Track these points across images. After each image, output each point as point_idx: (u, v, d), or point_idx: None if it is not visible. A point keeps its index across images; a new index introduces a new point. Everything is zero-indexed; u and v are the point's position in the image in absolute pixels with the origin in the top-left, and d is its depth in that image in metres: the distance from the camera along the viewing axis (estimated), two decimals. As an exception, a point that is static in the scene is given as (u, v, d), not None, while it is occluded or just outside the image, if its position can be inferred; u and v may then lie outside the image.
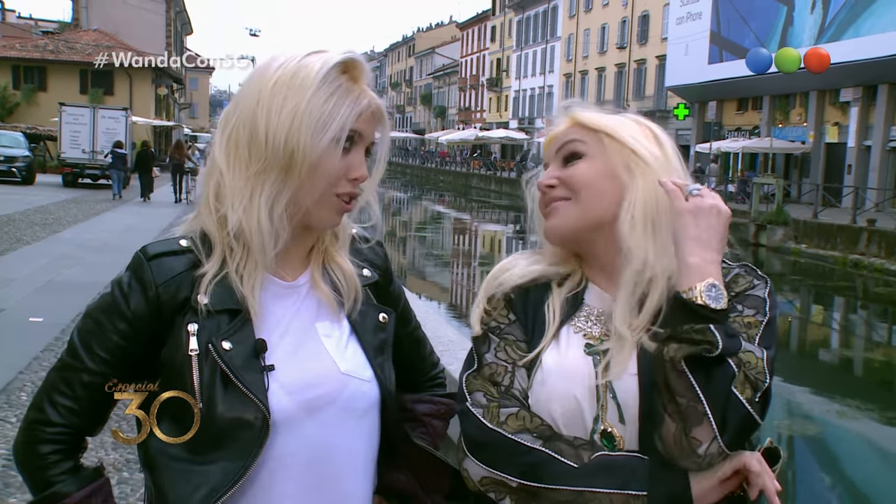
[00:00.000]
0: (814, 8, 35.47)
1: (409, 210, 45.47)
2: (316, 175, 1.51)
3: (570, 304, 1.60)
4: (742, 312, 1.50)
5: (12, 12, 72.35)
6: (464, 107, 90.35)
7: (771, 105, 39.99)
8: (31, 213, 20.35)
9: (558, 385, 1.52)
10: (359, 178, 1.55)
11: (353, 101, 1.52)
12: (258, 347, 1.51)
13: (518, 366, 1.55)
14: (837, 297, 21.24)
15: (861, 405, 11.38)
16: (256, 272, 1.53)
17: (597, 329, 1.57)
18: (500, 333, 1.60)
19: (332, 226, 1.59)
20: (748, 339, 1.44)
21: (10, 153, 30.03)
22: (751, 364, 1.39)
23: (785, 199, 29.39)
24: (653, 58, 51.67)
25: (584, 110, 1.62)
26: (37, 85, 45.62)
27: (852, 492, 8.82)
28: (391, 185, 65.71)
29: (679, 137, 47.92)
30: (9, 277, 11.40)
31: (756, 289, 1.54)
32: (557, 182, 1.58)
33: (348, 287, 1.64)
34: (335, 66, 1.52)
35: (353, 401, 1.58)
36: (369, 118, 1.56)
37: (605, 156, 1.56)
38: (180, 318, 1.51)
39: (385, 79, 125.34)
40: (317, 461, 1.55)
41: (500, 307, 1.63)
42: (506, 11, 78.93)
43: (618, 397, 1.48)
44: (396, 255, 26.44)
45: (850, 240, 23.65)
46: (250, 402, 1.47)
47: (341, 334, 1.62)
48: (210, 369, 1.47)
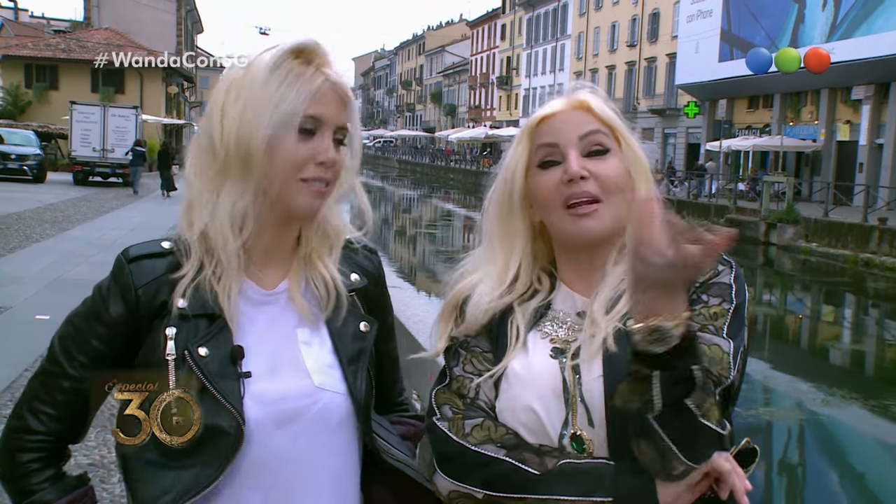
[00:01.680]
0: (825, 5, 35.29)
1: (419, 208, 45.48)
2: (278, 163, 1.48)
3: (535, 314, 1.56)
4: (707, 303, 1.45)
5: (25, 11, 72.64)
6: (474, 105, 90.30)
7: (782, 103, 39.80)
8: (41, 210, 20.42)
9: (524, 392, 1.49)
10: (326, 162, 1.51)
11: (305, 82, 1.49)
12: (235, 354, 1.49)
13: (484, 377, 1.53)
14: (848, 295, 21.14)
15: (875, 404, 11.30)
16: (230, 277, 1.52)
17: (562, 332, 1.53)
18: (466, 347, 1.58)
19: (311, 212, 1.55)
20: (715, 331, 1.41)
21: (21, 151, 30.19)
22: (715, 359, 1.37)
23: (796, 197, 29.24)
24: (663, 56, 51.49)
25: (597, 99, 1.55)
26: (48, 84, 45.76)
27: (862, 488, 8.78)
28: (401, 183, 65.74)
29: (689, 135, 47.82)
30: (17, 275, 11.44)
31: (721, 275, 1.48)
32: (589, 175, 1.49)
33: (328, 294, 1.61)
34: (286, 53, 1.50)
35: (325, 413, 1.55)
36: (329, 100, 1.51)
37: (621, 154, 1.53)
38: (158, 321, 1.50)
39: (395, 77, 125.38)
40: (286, 474, 1.53)
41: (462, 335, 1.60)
42: (516, 9, 78.83)
43: (585, 400, 1.44)
44: (406, 254, 26.44)
45: (860, 238, 23.51)
46: (225, 410, 1.46)
47: (321, 343, 1.60)
48: (186, 374, 1.47)
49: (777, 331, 16.74)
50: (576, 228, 1.50)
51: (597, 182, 1.48)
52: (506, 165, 1.59)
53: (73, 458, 1.66)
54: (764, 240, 26.83)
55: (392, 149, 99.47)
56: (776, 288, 22.36)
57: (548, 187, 1.51)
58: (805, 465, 9.51)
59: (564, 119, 1.53)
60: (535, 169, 1.54)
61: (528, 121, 1.58)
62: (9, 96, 44.92)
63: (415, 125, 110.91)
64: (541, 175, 1.53)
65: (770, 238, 26.74)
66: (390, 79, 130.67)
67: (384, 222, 36.46)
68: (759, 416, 10.52)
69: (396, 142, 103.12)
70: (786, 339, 16.38)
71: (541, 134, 1.54)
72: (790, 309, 20.06)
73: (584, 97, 1.54)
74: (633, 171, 1.52)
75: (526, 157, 1.56)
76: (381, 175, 75.40)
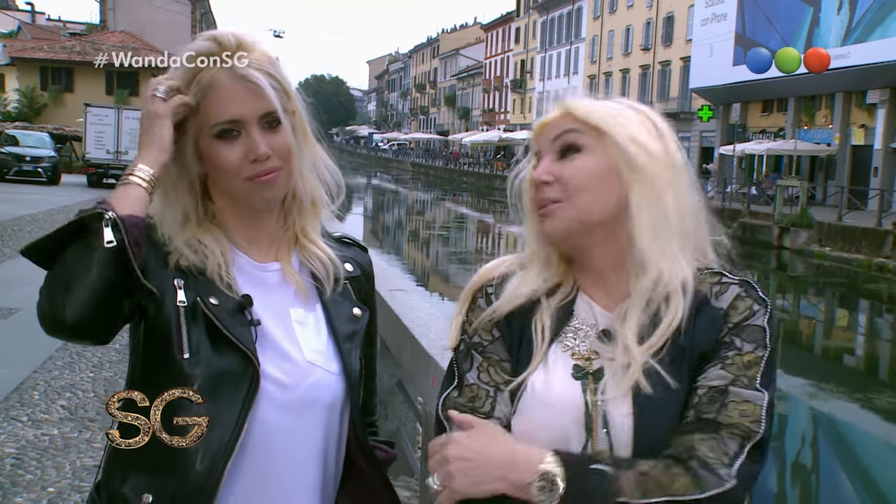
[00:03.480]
0: (840, 9, 35.10)
1: (431, 210, 45.49)
2: (218, 171, 1.54)
3: (559, 317, 1.49)
4: (741, 350, 1.38)
5: (42, 14, 73.12)
6: (487, 108, 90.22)
7: (796, 107, 39.61)
8: (54, 212, 20.53)
9: (544, 413, 1.42)
10: (259, 157, 1.52)
11: (213, 92, 1.52)
12: (243, 302, 1.52)
13: (501, 390, 1.46)
14: (862, 301, 21.01)
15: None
16: (210, 238, 1.57)
17: (584, 347, 1.46)
18: (482, 351, 1.50)
19: (268, 203, 1.59)
20: (748, 381, 1.35)
21: (36, 154, 30.41)
22: (747, 413, 1.32)
23: (809, 201, 29.10)
24: (677, 59, 51.34)
25: (580, 100, 1.50)
26: (64, 86, 46.04)
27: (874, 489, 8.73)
28: (414, 185, 65.80)
29: (703, 139, 47.62)
30: (28, 277, 11.45)
31: (756, 316, 1.41)
32: (552, 179, 1.44)
33: (326, 270, 1.63)
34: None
35: (315, 391, 1.56)
36: (241, 96, 1.52)
37: (604, 150, 1.44)
38: (165, 273, 1.51)
39: (409, 80, 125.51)
40: (273, 450, 1.54)
41: (485, 321, 1.52)
42: (530, 13, 78.77)
43: (611, 434, 1.37)
44: (420, 257, 26.45)
45: (874, 243, 23.35)
46: (241, 354, 1.47)
47: (316, 321, 1.61)
48: (198, 323, 1.48)
49: (789, 335, 16.65)
50: (541, 230, 1.48)
51: (560, 184, 1.44)
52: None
53: (77, 460, 1.65)
54: (777, 244, 26.72)
55: (406, 152, 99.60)
56: (789, 292, 22.26)
57: (528, 193, 1.51)
58: (818, 468, 9.47)
59: (550, 126, 1.50)
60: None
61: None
62: (24, 98, 45.22)
63: (429, 128, 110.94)
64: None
65: (783, 242, 26.63)
66: (404, 82, 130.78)
67: (398, 225, 36.48)
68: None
69: (410, 145, 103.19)
70: (799, 344, 16.29)
71: (534, 143, 1.54)
72: (804, 313, 19.95)
73: (568, 102, 1.50)
74: (631, 162, 1.43)
75: (532, 166, 1.53)
76: (394, 178, 75.53)
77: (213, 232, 1.57)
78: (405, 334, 3.50)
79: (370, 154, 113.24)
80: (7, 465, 5.02)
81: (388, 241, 31.79)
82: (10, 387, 6.59)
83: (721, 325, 1.40)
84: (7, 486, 4.73)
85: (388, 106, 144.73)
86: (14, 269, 12.24)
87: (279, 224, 1.64)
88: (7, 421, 5.83)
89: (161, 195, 1.54)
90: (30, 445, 5.33)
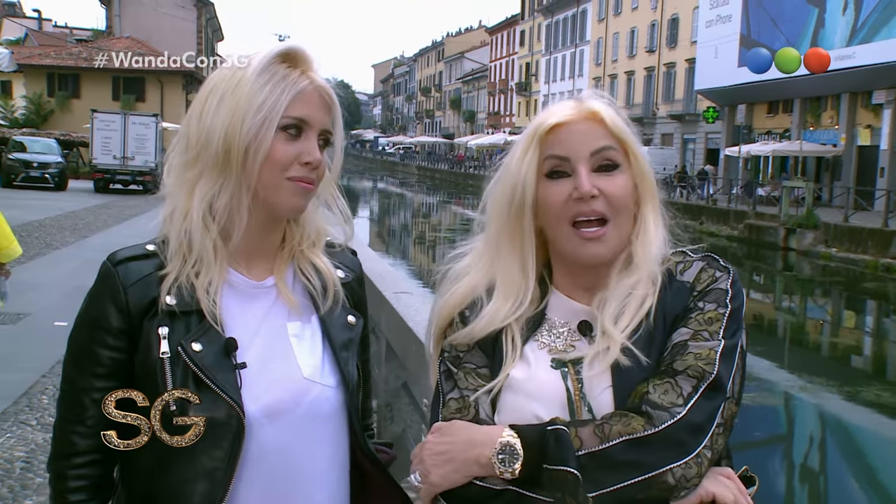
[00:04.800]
0: (846, 9, 35.02)
1: (437, 214, 45.47)
2: (262, 163, 1.52)
3: (528, 326, 1.54)
4: (703, 309, 1.44)
5: (49, 21, 73.37)
6: (493, 111, 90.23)
7: (802, 108, 39.52)
8: (61, 218, 20.62)
9: (529, 401, 1.47)
10: (311, 163, 1.54)
11: (290, 84, 1.53)
12: (228, 346, 1.51)
13: (480, 393, 1.50)
14: (870, 301, 20.96)
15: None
16: (210, 271, 1.54)
17: (560, 342, 1.52)
18: (459, 364, 1.55)
19: (296, 210, 1.59)
20: (709, 335, 1.40)
21: (43, 159, 30.52)
22: (701, 356, 1.38)
23: (816, 202, 29.02)
24: (682, 61, 51.26)
25: (609, 110, 1.50)
26: (70, 92, 46.19)
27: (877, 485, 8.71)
28: (419, 188, 65.78)
29: (709, 141, 47.56)
30: (36, 282, 11.56)
31: (719, 281, 1.47)
32: (599, 194, 1.45)
33: (325, 285, 1.65)
34: (273, 57, 1.54)
35: (316, 405, 1.58)
36: (314, 103, 1.56)
37: (629, 168, 1.50)
38: (150, 321, 1.51)
39: (414, 83, 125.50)
40: (280, 466, 1.55)
41: (459, 341, 1.57)
42: (535, 16, 78.76)
43: (593, 411, 1.42)
44: (425, 259, 26.44)
45: (881, 244, 23.28)
46: (224, 403, 1.47)
47: (312, 335, 1.62)
48: (182, 372, 1.48)
49: (794, 335, 16.63)
50: (582, 251, 1.48)
51: (606, 200, 1.45)
52: (513, 171, 1.52)
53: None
54: (783, 245, 26.66)
55: (412, 155, 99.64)
56: (795, 294, 22.21)
57: (556, 201, 1.47)
58: (826, 469, 9.45)
59: (576, 130, 1.48)
60: (543, 178, 1.50)
61: (537, 125, 1.51)
62: (32, 105, 45.39)
63: (434, 132, 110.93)
64: (549, 186, 1.49)
65: (789, 243, 26.56)
66: (409, 85, 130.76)
67: (403, 227, 36.46)
68: (780, 421, 10.45)
69: (415, 148, 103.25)
70: (805, 344, 16.27)
71: (551, 143, 1.48)
72: (810, 315, 19.91)
73: (597, 108, 1.49)
74: (639, 186, 1.50)
75: (535, 166, 1.50)
76: (400, 181, 75.55)
77: (216, 250, 1.56)
78: (410, 337, 3.51)
79: (376, 158, 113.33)
80: (17, 469, 5.07)
81: (393, 243, 31.82)
82: (19, 391, 6.64)
83: (688, 296, 1.47)
84: (17, 490, 4.77)
85: (393, 110, 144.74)
86: (23, 274, 12.29)
87: (279, 243, 1.66)
88: (17, 425, 5.88)
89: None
90: (39, 449, 5.38)
